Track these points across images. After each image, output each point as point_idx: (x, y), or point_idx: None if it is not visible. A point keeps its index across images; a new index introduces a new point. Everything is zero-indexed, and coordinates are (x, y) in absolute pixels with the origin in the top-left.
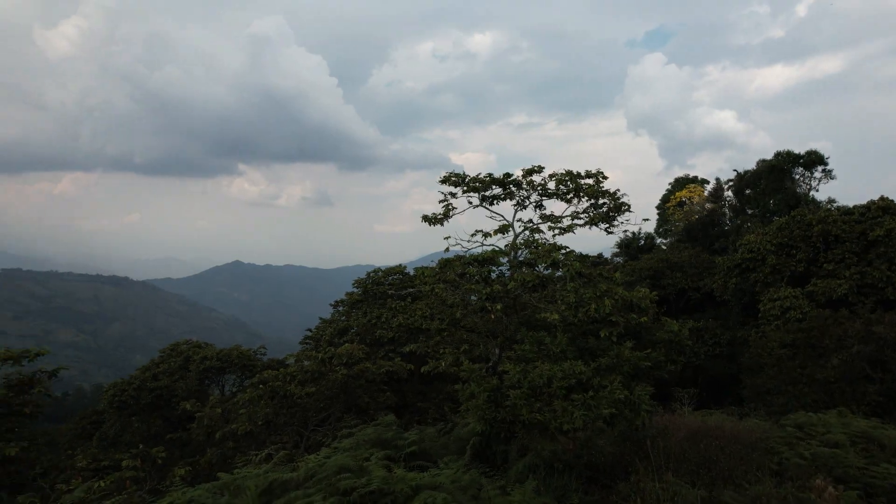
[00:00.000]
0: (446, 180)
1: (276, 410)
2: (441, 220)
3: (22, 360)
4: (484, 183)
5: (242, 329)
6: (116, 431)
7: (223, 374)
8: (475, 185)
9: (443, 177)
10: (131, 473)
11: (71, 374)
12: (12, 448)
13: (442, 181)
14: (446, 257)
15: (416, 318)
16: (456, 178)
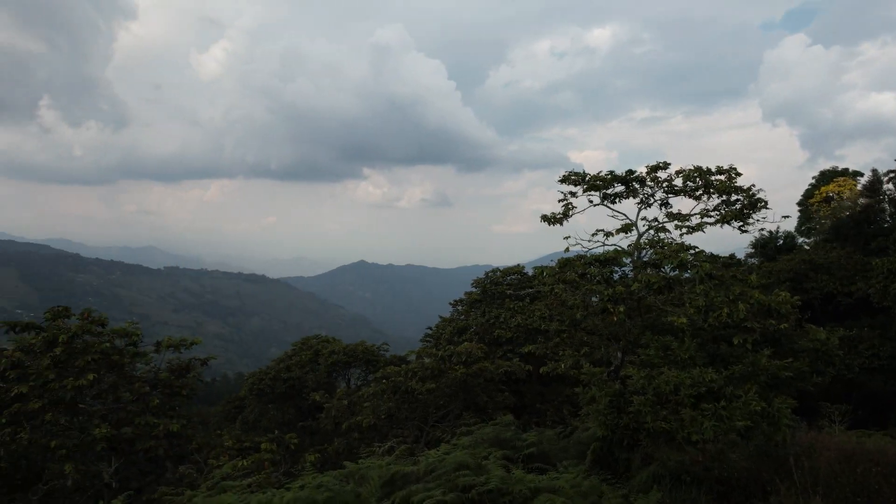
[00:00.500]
0: (566, 179)
1: (397, 405)
2: (560, 220)
3: (181, 347)
4: (605, 181)
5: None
6: (255, 416)
7: (349, 368)
8: (596, 183)
9: (562, 176)
10: (269, 456)
11: (218, 362)
12: (175, 424)
13: (561, 180)
14: (566, 257)
15: (534, 319)
16: (576, 176)
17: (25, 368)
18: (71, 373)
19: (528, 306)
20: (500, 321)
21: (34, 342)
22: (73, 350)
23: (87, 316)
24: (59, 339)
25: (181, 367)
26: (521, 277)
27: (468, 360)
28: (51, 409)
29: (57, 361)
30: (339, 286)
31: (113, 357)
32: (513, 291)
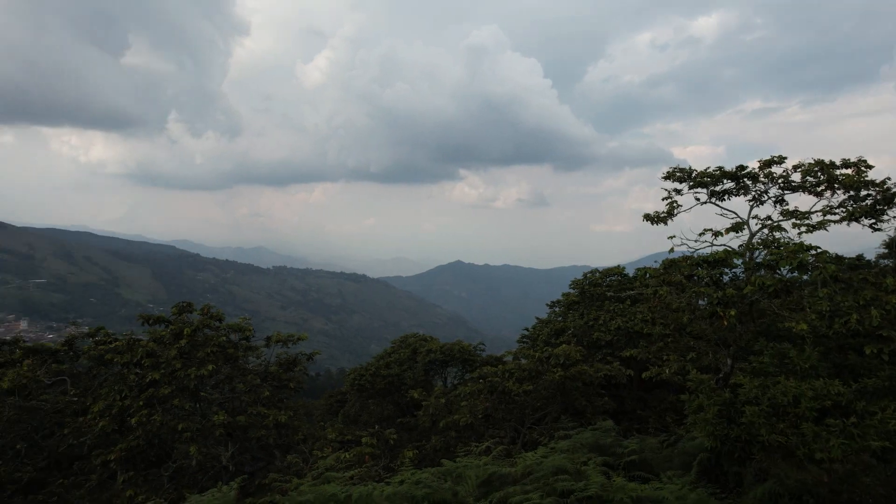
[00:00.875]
0: (670, 176)
1: (494, 405)
2: (664, 219)
3: (288, 342)
4: (713, 177)
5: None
6: (356, 411)
7: (446, 367)
8: (703, 179)
9: (666, 173)
10: (369, 450)
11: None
12: (283, 415)
13: (665, 177)
14: (670, 258)
15: (635, 322)
16: (681, 173)
17: (157, 357)
18: (193, 363)
19: (629, 309)
20: (600, 324)
21: (164, 334)
22: (195, 342)
23: (206, 311)
24: (184, 331)
25: (289, 361)
26: (622, 279)
27: (566, 362)
28: (178, 395)
29: (182, 352)
30: (436, 286)
31: (228, 350)
32: (613, 293)
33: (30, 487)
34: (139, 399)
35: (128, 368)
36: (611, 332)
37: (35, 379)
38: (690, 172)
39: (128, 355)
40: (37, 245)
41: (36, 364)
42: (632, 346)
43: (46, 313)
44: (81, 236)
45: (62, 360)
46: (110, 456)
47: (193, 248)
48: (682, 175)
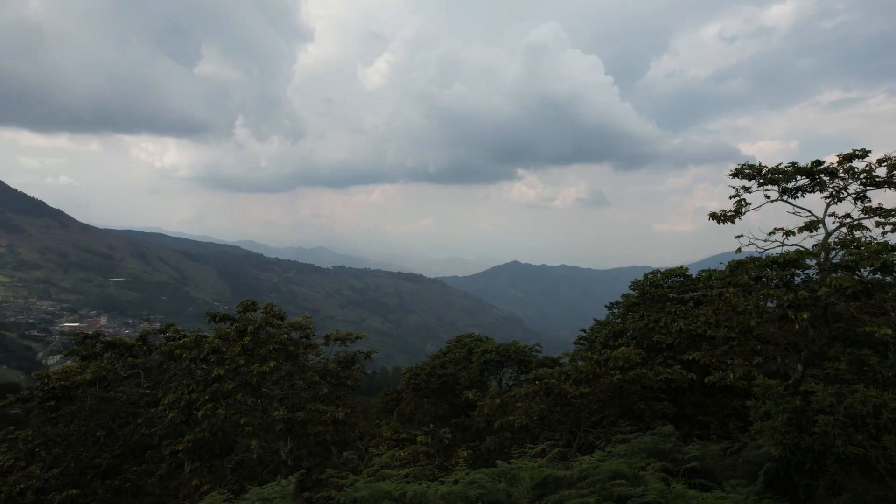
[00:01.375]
0: (738, 173)
1: (550, 407)
2: (732, 218)
3: (346, 341)
4: (786, 173)
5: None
6: (411, 409)
7: (501, 367)
8: (775, 176)
9: (734, 169)
10: (424, 449)
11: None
12: (341, 412)
13: (733, 174)
14: (737, 259)
15: (698, 325)
16: (750, 170)
17: (222, 354)
18: (256, 360)
19: (692, 311)
20: (660, 326)
21: (229, 332)
22: (258, 340)
23: (269, 310)
24: (248, 329)
25: (347, 359)
26: (685, 280)
27: (625, 365)
28: (241, 391)
29: (245, 349)
30: (493, 286)
31: (289, 348)
32: (675, 295)
33: (107, 473)
34: (205, 393)
35: (195, 364)
36: (672, 335)
37: (114, 371)
38: (760, 169)
39: (195, 351)
40: (116, 246)
41: (114, 357)
42: (694, 348)
43: (123, 310)
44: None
45: (137, 355)
46: (178, 447)
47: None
48: (752, 172)
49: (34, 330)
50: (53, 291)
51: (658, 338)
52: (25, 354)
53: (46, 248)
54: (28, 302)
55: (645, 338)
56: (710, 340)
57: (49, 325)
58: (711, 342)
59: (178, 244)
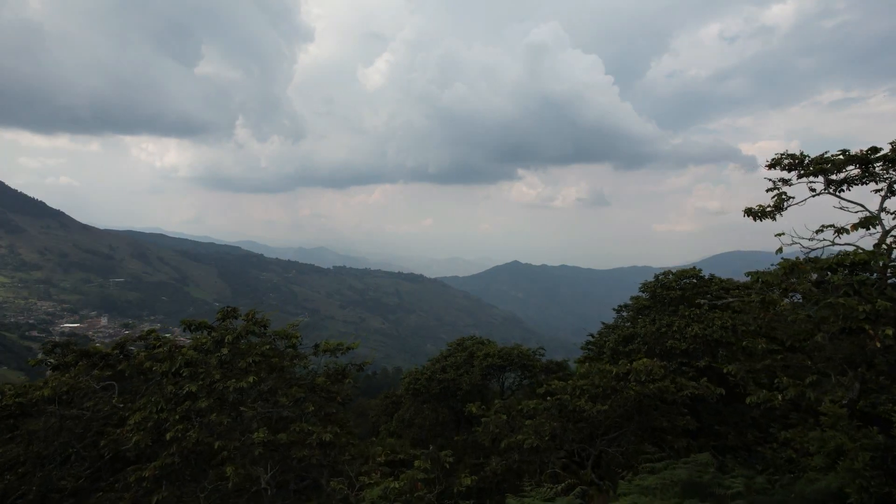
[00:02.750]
0: (776, 163)
1: (563, 425)
2: (772, 214)
3: (337, 351)
4: (835, 163)
5: (519, 326)
6: (411, 415)
7: (504, 372)
8: (822, 166)
9: (771, 160)
10: (422, 476)
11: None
12: (328, 433)
13: (770, 165)
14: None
15: (714, 329)
16: (790, 159)
17: (197, 367)
18: (234, 374)
19: (707, 314)
20: (674, 330)
21: (205, 342)
22: (237, 351)
23: (250, 317)
24: (226, 339)
25: (338, 371)
26: (698, 281)
27: (647, 378)
28: (216, 409)
29: (223, 362)
30: (493, 286)
31: (273, 360)
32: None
33: (73, 497)
34: (175, 412)
35: (167, 378)
36: (686, 340)
37: (77, 386)
38: (803, 159)
39: (167, 364)
40: (116, 246)
41: (81, 369)
42: (708, 354)
43: (123, 310)
44: (155, 238)
45: (113, 364)
46: (145, 472)
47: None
48: (793, 162)
49: (34, 331)
50: (54, 292)
51: (672, 343)
52: (26, 355)
53: (47, 248)
54: (28, 302)
55: (657, 343)
56: (727, 346)
57: (49, 325)
58: (727, 347)
59: (179, 244)
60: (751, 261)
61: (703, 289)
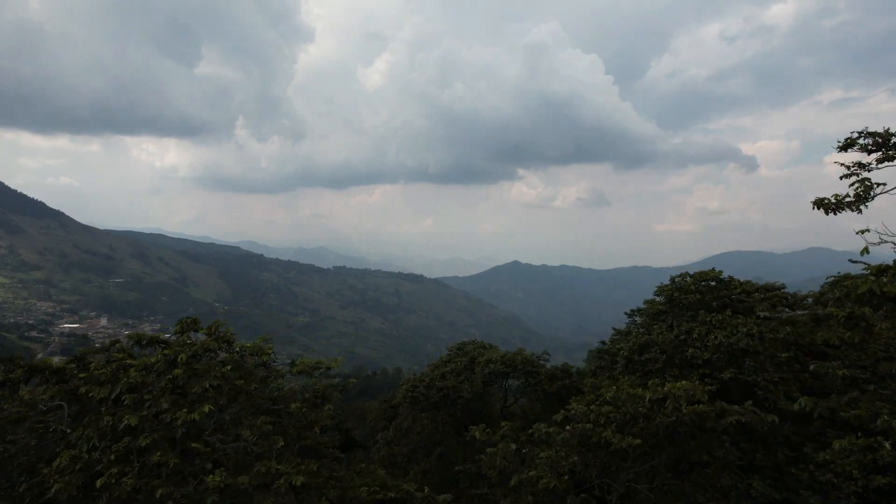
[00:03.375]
0: (850, 144)
1: (584, 459)
2: (853, 205)
3: (315, 372)
4: None
5: (519, 326)
6: (408, 423)
7: (507, 378)
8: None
9: (845, 140)
10: None
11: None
12: (300, 476)
13: (842, 147)
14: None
15: (740, 337)
16: (871, 137)
17: (142, 393)
18: (186, 402)
19: (730, 320)
20: (693, 338)
21: (155, 362)
22: (193, 372)
23: (213, 331)
24: (180, 358)
25: (316, 395)
26: (718, 284)
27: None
28: (161, 447)
29: (175, 386)
30: (493, 286)
31: (237, 382)
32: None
33: None
34: (111, 451)
35: (105, 406)
36: (708, 350)
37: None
38: (888, 137)
39: (107, 388)
40: (116, 246)
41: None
42: (735, 366)
43: (123, 311)
44: (155, 238)
45: (68, 380)
46: None
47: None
48: (875, 142)
49: (34, 331)
50: (53, 292)
51: (693, 352)
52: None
53: (46, 248)
54: (28, 303)
55: (676, 352)
56: (754, 356)
57: (49, 326)
58: (754, 357)
59: (179, 245)
60: (751, 261)
61: (724, 292)
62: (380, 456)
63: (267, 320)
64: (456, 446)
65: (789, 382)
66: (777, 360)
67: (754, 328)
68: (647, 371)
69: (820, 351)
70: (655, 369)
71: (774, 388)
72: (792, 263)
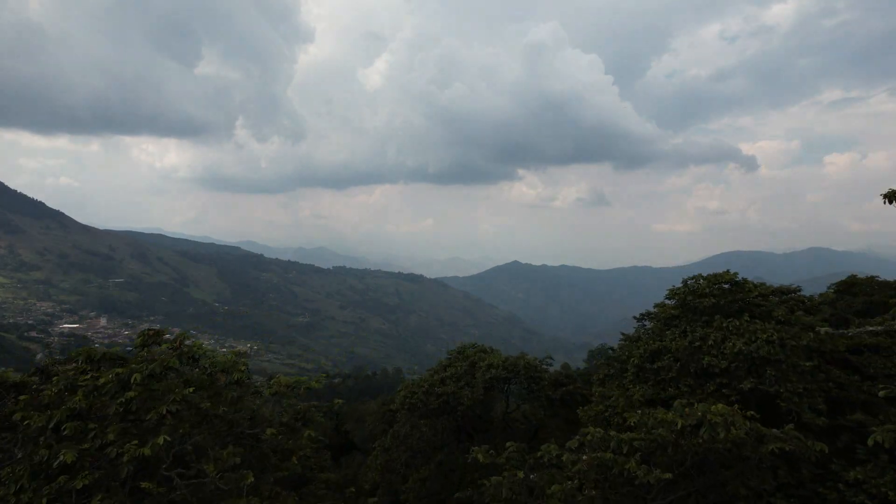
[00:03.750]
0: None
1: (603, 494)
2: None
3: (293, 392)
4: None
5: (519, 325)
6: (406, 432)
7: (509, 384)
8: None
9: None
10: None
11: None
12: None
13: None
14: None
15: (760, 344)
16: None
17: (86, 421)
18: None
19: (748, 325)
20: (709, 345)
21: (105, 382)
22: (150, 395)
23: (178, 345)
24: (133, 379)
25: (296, 417)
26: (734, 287)
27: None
28: (104, 488)
29: (127, 411)
30: (493, 286)
31: (202, 405)
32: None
33: None
34: (42, 494)
35: (43, 436)
36: (726, 358)
37: None
38: None
39: (45, 416)
40: (116, 246)
41: None
42: (755, 375)
43: (123, 311)
44: (155, 238)
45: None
46: None
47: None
48: None
49: (33, 331)
50: (53, 292)
51: (709, 360)
52: (24, 356)
53: (46, 249)
54: (27, 303)
55: (691, 360)
56: (775, 364)
57: (48, 326)
58: (776, 365)
59: (178, 245)
60: (751, 261)
61: (739, 295)
62: (377, 464)
63: (267, 320)
64: (456, 452)
65: (814, 394)
66: (800, 369)
67: (774, 334)
68: (660, 380)
69: (842, 358)
70: (668, 378)
71: (799, 400)
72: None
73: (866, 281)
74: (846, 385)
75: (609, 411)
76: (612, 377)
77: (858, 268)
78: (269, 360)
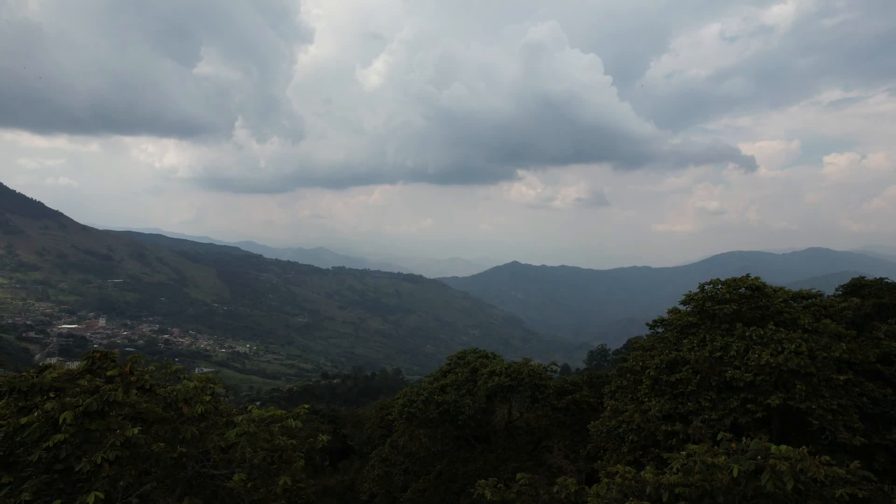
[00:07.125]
0: None
1: None
2: None
3: (273, 425)
4: None
5: (519, 326)
6: (405, 441)
7: (512, 392)
8: None
9: None
10: None
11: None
12: None
13: None
14: None
15: (788, 356)
16: None
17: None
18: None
19: (773, 334)
20: (731, 355)
21: (27, 423)
22: (86, 438)
23: (128, 371)
24: (63, 420)
25: (273, 458)
26: (755, 292)
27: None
28: None
29: (54, 460)
30: (493, 286)
31: (153, 448)
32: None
33: None
34: None
35: None
36: (751, 370)
37: None
38: None
39: None
40: (115, 247)
41: None
42: (783, 389)
43: (122, 311)
44: (154, 238)
45: None
46: None
47: (257, 248)
48: None
49: (32, 332)
50: (52, 293)
51: (732, 373)
52: (23, 357)
53: (45, 249)
54: (26, 303)
55: (712, 372)
56: (805, 378)
57: (47, 326)
58: (808, 380)
59: (178, 245)
60: (751, 261)
61: (762, 301)
62: (373, 475)
63: (266, 320)
64: (456, 462)
65: (849, 410)
66: (833, 383)
67: (803, 345)
68: (678, 393)
69: (873, 369)
70: (688, 392)
71: (833, 417)
72: (792, 263)
73: (874, 283)
74: (879, 400)
75: (623, 427)
76: (624, 389)
77: (857, 268)
78: (269, 361)
